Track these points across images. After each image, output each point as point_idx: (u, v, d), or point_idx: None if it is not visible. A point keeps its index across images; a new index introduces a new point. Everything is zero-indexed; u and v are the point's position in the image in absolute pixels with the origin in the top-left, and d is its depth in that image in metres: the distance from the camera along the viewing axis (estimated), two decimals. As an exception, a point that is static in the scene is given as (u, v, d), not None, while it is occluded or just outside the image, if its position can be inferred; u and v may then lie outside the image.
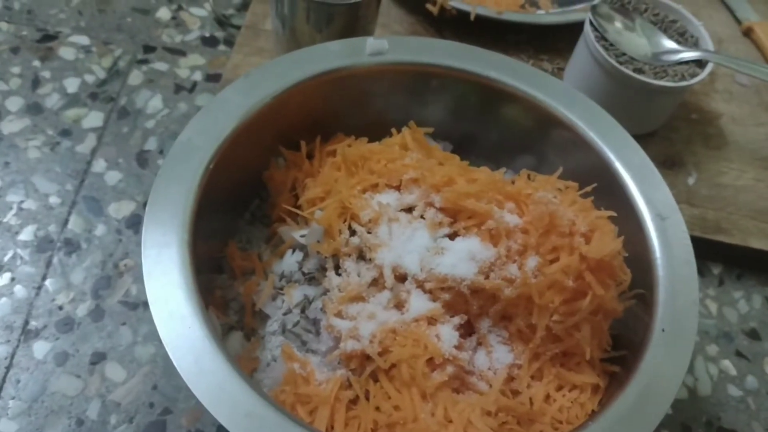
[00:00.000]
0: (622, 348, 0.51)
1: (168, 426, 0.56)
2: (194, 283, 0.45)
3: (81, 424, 0.55)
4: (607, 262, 0.46)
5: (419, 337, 0.46)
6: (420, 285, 0.48)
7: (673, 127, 0.77)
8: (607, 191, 0.54)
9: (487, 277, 0.47)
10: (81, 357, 0.58)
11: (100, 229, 0.65)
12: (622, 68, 0.68)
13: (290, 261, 0.54)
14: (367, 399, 0.47)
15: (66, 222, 0.65)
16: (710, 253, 0.71)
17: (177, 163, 0.49)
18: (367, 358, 0.47)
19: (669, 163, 0.74)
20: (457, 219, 0.50)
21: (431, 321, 0.47)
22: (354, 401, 0.47)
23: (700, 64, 0.71)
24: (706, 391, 0.64)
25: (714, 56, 0.71)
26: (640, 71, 0.69)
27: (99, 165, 0.69)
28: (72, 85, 0.74)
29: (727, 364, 0.66)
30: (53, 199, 0.66)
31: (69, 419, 0.55)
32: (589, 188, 0.51)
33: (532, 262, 0.47)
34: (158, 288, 0.44)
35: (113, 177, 0.68)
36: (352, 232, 0.51)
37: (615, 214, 0.49)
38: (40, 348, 0.58)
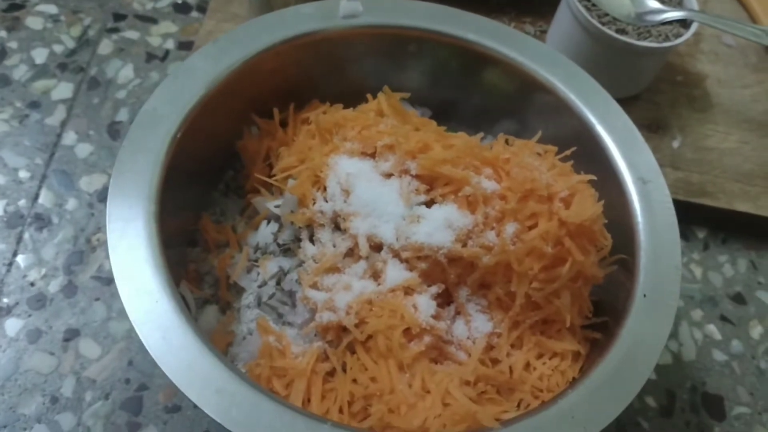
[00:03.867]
0: (603, 314, 0.50)
1: (144, 402, 0.55)
2: (162, 257, 0.43)
3: (56, 402, 0.54)
4: (588, 227, 0.45)
5: (396, 308, 0.45)
6: (396, 254, 0.47)
7: (658, 90, 0.76)
8: (589, 156, 0.53)
9: (464, 245, 0.46)
10: (54, 334, 0.57)
11: (71, 204, 0.63)
12: (605, 29, 0.66)
13: (265, 232, 0.53)
14: (345, 371, 0.46)
15: (36, 196, 0.63)
16: (695, 217, 0.70)
17: (142, 132, 0.47)
18: (344, 329, 0.46)
19: (653, 126, 0.73)
20: (433, 186, 0.48)
21: (408, 291, 0.46)
22: (331, 373, 0.47)
23: (684, 24, 0.70)
24: (691, 356, 0.64)
25: (699, 15, 0.69)
26: (623, 32, 0.67)
27: (69, 137, 0.67)
28: (40, 55, 0.72)
29: (711, 328, 0.66)
30: (23, 174, 0.64)
31: (43, 397, 0.54)
32: (568, 152, 0.49)
33: (510, 228, 0.45)
34: (124, 263, 0.43)
35: (84, 150, 0.66)
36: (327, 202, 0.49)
37: (595, 178, 0.47)
38: (12, 325, 0.57)
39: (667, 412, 0.61)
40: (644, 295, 0.46)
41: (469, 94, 0.61)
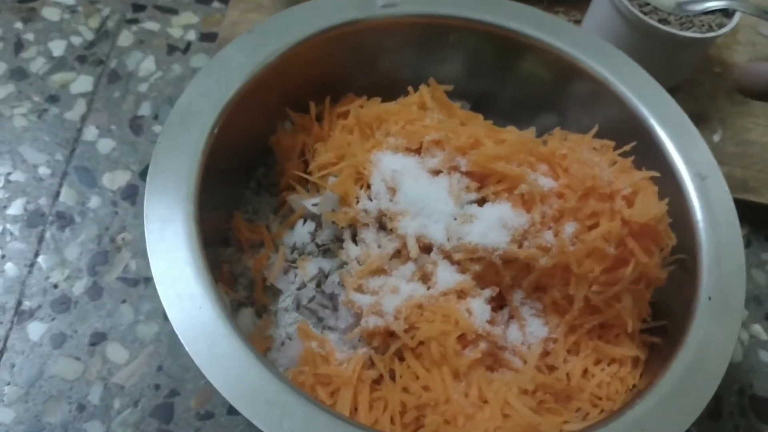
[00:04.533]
0: (661, 317, 0.48)
1: (176, 408, 0.53)
2: (203, 259, 0.41)
3: (82, 410, 0.52)
4: (652, 227, 0.43)
5: (449, 312, 0.43)
6: (447, 256, 0.45)
7: (696, 82, 0.73)
8: (641, 149, 0.50)
9: (520, 246, 0.44)
10: (79, 338, 0.55)
11: (94, 201, 0.61)
12: (646, 19, 0.64)
13: (302, 232, 0.50)
14: (393, 379, 0.44)
15: (57, 194, 0.61)
16: (737, 213, 0.68)
17: (177, 130, 0.45)
18: (391, 335, 0.44)
19: (693, 119, 0.70)
20: (485, 184, 0.46)
21: (461, 294, 0.44)
22: (378, 381, 0.44)
23: (726, 13, 0.67)
24: (737, 357, 0.62)
25: (741, 5, 0.67)
26: (665, 22, 0.65)
27: (90, 132, 0.64)
28: (58, 47, 0.69)
29: (757, 328, 0.63)
30: (43, 170, 0.62)
31: (69, 404, 0.52)
32: (627, 147, 0.47)
33: (569, 228, 0.43)
34: (164, 266, 0.40)
35: (106, 145, 0.64)
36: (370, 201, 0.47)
37: (658, 174, 0.45)
38: (35, 329, 0.55)
39: (714, 416, 0.58)
40: (709, 298, 0.44)
41: (508, 86, 0.58)
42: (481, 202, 0.46)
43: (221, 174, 0.48)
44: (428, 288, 0.45)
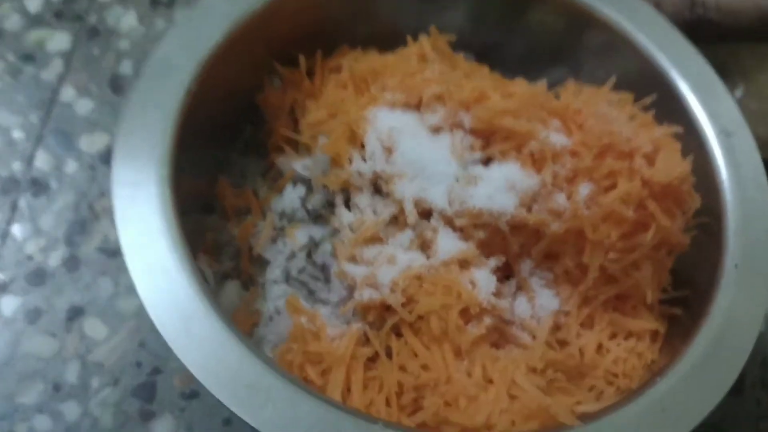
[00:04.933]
0: (683, 287, 0.44)
1: (158, 387, 0.50)
2: (179, 228, 0.37)
3: (59, 389, 0.49)
4: (675, 188, 0.39)
5: (450, 284, 0.39)
6: (449, 222, 0.41)
7: (716, 34, 0.68)
8: (661, 104, 0.46)
9: (529, 210, 0.40)
10: (56, 313, 0.52)
11: (71, 166, 0.57)
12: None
13: (291, 196, 0.47)
14: (389, 357, 0.40)
15: (32, 159, 0.57)
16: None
17: (151, 85, 0.41)
18: (388, 309, 0.41)
19: (713, 74, 0.66)
20: (490, 142, 0.42)
21: (463, 264, 0.40)
22: (373, 359, 0.41)
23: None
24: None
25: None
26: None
27: (67, 93, 0.61)
28: (33, 3, 0.65)
29: (781, 297, 0.60)
30: (16, 134, 0.58)
31: (45, 384, 0.49)
32: (647, 100, 0.43)
33: (584, 190, 0.39)
34: (134, 235, 0.37)
35: (84, 106, 0.60)
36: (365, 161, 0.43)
37: (681, 130, 0.41)
38: (8, 304, 0.52)
39: (736, 390, 0.55)
40: (735, 266, 0.40)
41: (517, 36, 0.54)
42: (487, 162, 0.42)
43: (203, 134, 0.44)
44: (428, 257, 0.41)
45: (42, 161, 0.57)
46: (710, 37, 0.58)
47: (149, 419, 0.49)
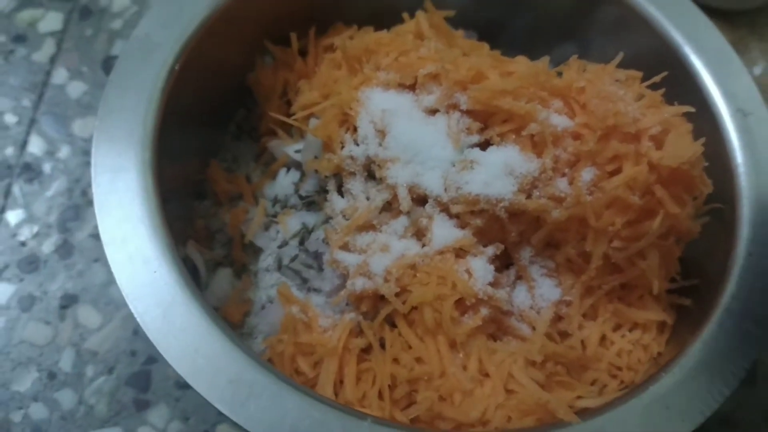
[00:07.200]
0: (692, 276, 0.42)
1: (153, 377, 0.49)
2: (161, 215, 0.36)
3: (53, 377, 0.48)
4: (685, 172, 0.37)
5: (445, 274, 0.38)
6: (444, 208, 0.40)
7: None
8: (673, 82, 0.44)
9: (529, 196, 0.38)
10: (49, 300, 0.51)
11: (64, 151, 0.56)
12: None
13: (284, 182, 0.45)
14: (383, 347, 0.38)
15: (25, 144, 0.56)
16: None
17: (133, 65, 0.40)
18: (381, 298, 0.39)
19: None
20: (489, 124, 0.40)
21: (459, 253, 0.39)
22: (366, 350, 0.40)
23: None
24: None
25: None
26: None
27: (60, 75, 0.59)
28: (26, -18, 0.64)
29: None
30: (8, 118, 0.57)
31: (39, 372, 0.49)
32: (657, 78, 0.40)
33: (587, 174, 0.37)
34: (114, 224, 0.35)
35: (77, 89, 0.59)
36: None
37: (692, 110, 0.38)
38: (2, 291, 0.51)
39: (749, 381, 0.53)
40: (749, 254, 0.38)
41: (522, 13, 0.52)
42: (485, 145, 0.40)
43: (191, 116, 0.43)
44: (423, 246, 0.40)
45: (35, 146, 0.56)
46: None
47: (144, 408, 0.48)
